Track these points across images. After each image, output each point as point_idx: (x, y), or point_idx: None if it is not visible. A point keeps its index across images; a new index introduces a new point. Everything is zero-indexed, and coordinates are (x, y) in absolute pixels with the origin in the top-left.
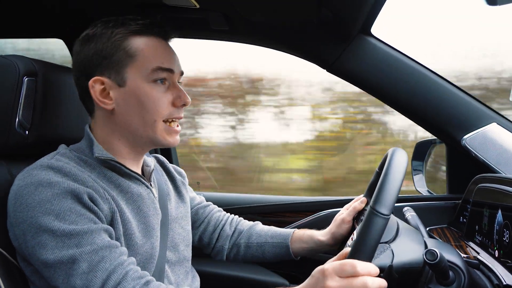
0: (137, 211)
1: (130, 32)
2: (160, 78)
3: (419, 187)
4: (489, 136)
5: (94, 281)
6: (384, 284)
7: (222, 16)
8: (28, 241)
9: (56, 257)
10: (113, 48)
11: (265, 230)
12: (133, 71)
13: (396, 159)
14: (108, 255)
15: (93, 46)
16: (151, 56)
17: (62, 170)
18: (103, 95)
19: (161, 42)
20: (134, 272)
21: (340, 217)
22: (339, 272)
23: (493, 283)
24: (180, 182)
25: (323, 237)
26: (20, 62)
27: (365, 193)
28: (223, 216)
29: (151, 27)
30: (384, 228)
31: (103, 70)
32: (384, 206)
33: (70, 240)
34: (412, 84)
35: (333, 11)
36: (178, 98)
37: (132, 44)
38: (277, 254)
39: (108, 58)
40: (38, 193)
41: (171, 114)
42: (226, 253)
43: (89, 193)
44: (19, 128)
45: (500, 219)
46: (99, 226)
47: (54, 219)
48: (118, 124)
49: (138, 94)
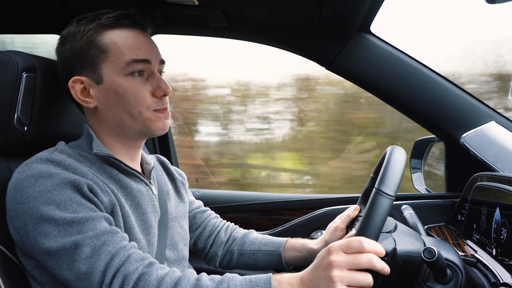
0: (135, 207)
1: (102, 26)
2: (136, 70)
3: (417, 185)
4: (487, 135)
5: (98, 264)
6: (387, 269)
7: (221, 13)
8: (30, 232)
9: (59, 244)
10: (87, 45)
11: (259, 238)
12: (108, 67)
13: (395, 152)
14: (110, 239)
15: (69, 46)
16: (124, 49)
17: (61, 163)
18: (84, 94)
19: (134, 33)
20: (137, 254)
21: (334, 225)
22: (345, 249)
23: (491, 281)
24: (180, 182)
25: (316, 246)
26: (19, 58)
27: (359, 200)
28: (219, 222)
29: (122, 19)
30: (389, 208)
31: (80, 69)
32: (388, 187)
33: (72, 227)
34: (411, 82)
35: (333, 9)
36: (158, 88)
37: (104, 39)
38: (270, 263)
39: (83, 56)
40: (39, 184)
41: (154, 106)
42: (219, 259)
43: (89, 184)
44: (17, 125)
45: (498, 217)
46: (99, 214)
47: (55, 208)
48: (104, 121)
49: (116, 89)
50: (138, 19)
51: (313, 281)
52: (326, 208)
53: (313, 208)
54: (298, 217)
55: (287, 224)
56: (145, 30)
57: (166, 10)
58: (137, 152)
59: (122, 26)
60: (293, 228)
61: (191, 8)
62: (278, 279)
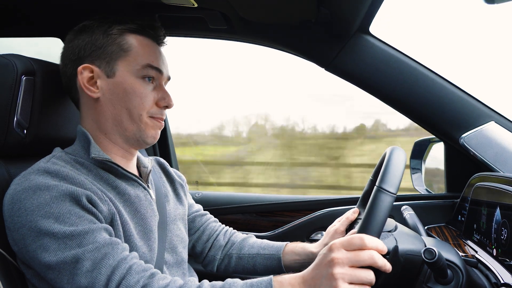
0: (134, 213)
1: (127, 29)
2: (149, 75)
3: (417, 186)
4: (487, 135)
5: (99, 278)
6: (389, 266)
7: (220, 15)
8: (29, 245)
9: (59, 258)
10: (108, 40)
11: (258, 242)
12: (124, 64)
13: (395, 152)
14: (111, 251)
15: (88, 36)
16: (143, 53)
17: (59, 173)
18: (90, 83)
19: (154, 44)
20: (138, 265)
21: (333, 228)
22: (347, 246)
23: (491, 281)
24: (178, 184)
25: (316, 249)
26: (18, 61)
27: (358, 203)
28: (218, 226)
29: (147, 28)
30: (391, 206)
31: (94, 59)
32: (390, 184)
33: (71, 241)
34: (411, 83)
35: (332, 10)
36: (163, 99)
37: (127, 40)
38: (268, 267)
39: (102, 48)
40: (37, 197)
41: (153, 113)
42: (218, 263)
43: (87, 195)
44: (17, 128)
45: (498, 217)
46: (99, 226)
47: (54, 222)
48: (103, 114)
49: (126, 87)
50: (160, 33)
51: (315, 279)
52: (326, 209)
53: (312, 209)
54: (298, 218)
55: (287, 226)
56: (161, 45)
57: (165, 12)
58: (132, 157)
59: (145, 34)
60: (293, 230)
61: (190, 10)
62: (279, 280)
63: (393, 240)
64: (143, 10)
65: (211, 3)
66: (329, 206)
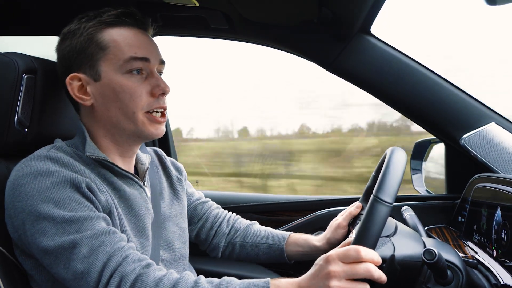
0: (128, 210)
1: (102, 24)
2: (135, 68)
3: (417, 187)
4: (488, 136)
5: (95, 264)
6: (384, 278)
7: (221, 14)
8: (28, 230)
9: (57, 243)
10: (86, 42)
11: (262, 230)
12: (106, 64)
13: (396, 154)
14: (108, 239)
15: (69, 43)
16: (123, 46)
17: (60, 160)
18: (81, 92)
19: (134, 32)
20: (134, 255)
21: (336, 223)
22: (343, 258)
23: (491, 282)
24: (176, 179)
25: (318, 242)
26: (20, 60)
27: (361, 198)
28: (221, 213)
29: (123, 17)
30: (387, 216)
31: (79, 66)
32: (387, 194)
33: (70, 226)
34: (412, 83)
35: (333, 10)
36: (157, 87)
37: (104, 37)
38: (271, 256)
39: (82, 53)
40: (38, 182)
41: (151, 105)
42: (222, 250)
43: (87, 183)
44: (18, 126)
45: (498, 218)
46: (97, 214)
47: (53, 206)
48: (100, 119)
49: (113, 87)
50: (139, 18)
51: None
52: (326, 209)
53: (313, 209)
54: (298, 218)
55: (288, 226)
56: (145, 29)
57: (166, 11)
58: (132, 154)
59: (122, 24)
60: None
61: (192, 10)
62: (276, 284)
63: (391, 247)
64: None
65: (213, 2)
66: (329, 206)
